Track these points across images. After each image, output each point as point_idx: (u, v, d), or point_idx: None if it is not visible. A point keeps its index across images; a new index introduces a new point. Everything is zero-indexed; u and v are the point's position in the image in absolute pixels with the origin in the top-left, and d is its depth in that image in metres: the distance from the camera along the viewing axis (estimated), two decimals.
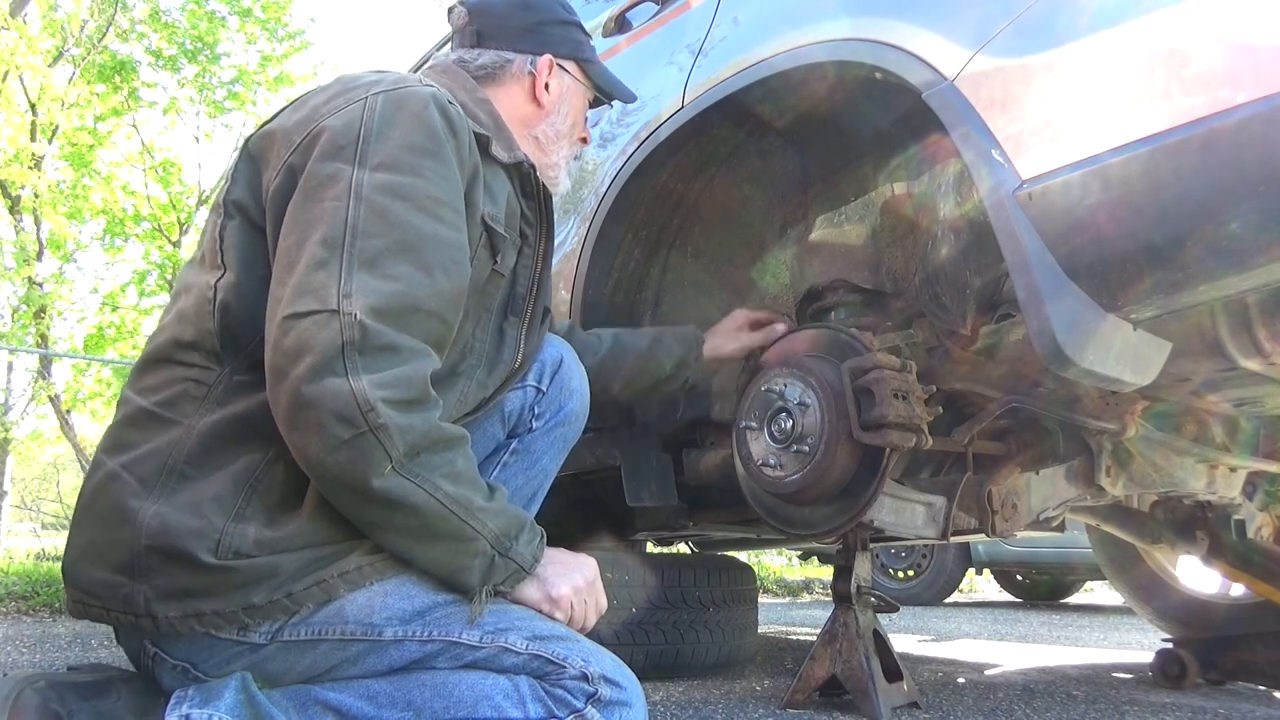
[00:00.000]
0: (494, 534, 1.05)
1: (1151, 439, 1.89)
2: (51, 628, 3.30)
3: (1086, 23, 1.15)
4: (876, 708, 1.71)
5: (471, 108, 1.26)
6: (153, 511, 0.99)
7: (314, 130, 1.08)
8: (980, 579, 8.52)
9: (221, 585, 0.98)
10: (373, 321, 0.96)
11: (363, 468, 0.95)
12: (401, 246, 1.02)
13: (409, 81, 1.14)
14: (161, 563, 0.98)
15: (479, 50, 1.36)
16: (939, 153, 1.56)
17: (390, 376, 0.96)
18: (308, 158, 1.07)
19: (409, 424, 0.97)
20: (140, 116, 11.21)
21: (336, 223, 1.01)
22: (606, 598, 1.21)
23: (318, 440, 0.94)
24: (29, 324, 10.41)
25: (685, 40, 1.76)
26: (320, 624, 1.02)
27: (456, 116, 1.14)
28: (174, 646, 1.03)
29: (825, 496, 1.65)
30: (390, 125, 1.07)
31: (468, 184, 1.14)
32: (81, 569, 1.03)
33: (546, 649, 1.06)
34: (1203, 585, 2.86)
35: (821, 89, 1.54)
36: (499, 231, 1.20)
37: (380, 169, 1.04)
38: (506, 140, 1.27)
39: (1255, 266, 1.09)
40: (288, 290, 0.99)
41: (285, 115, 1.16)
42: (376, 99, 1.09)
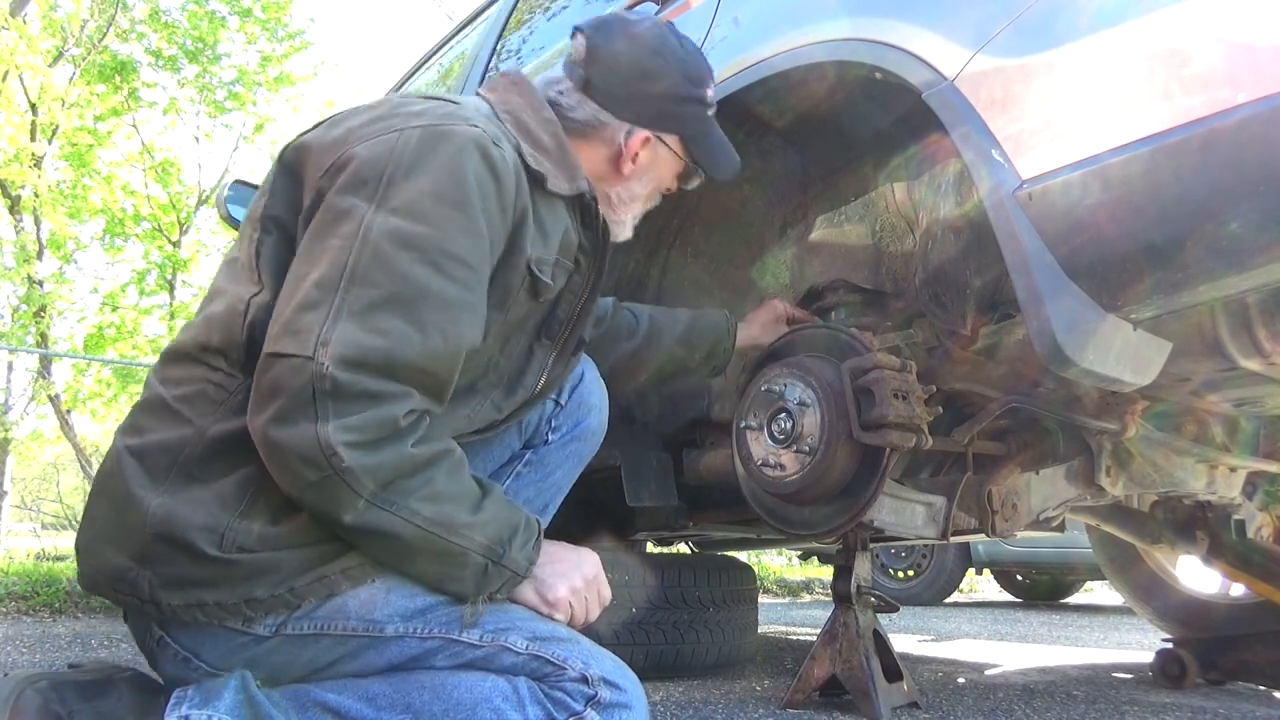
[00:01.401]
0: (483, 545, 1.04)
1: (1151, 439, 1.89)
2: (51, 628, 3.30)
3: (1086, 23, 1.15)
4: (876, 708, 1.71)
5: (534, 130, 1.20)
6: (158, 503, 0.99)
7: (343, 156, 1.05)
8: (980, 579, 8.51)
9: (224, 578, 0.98)
10: (344, 373, 0.94)
11: (333, 506, 0.96)
12: (397, 300, 0.98)
13: (455, 118, 1.08)
14: (168, 552, 0.99)
15: (580, 98, 1.26)
16: (939, 153, 1.56)
17: (357, 421, 0.94)
18: (332, 185, 1.04)
19: (376, 463, 0.95)
20: (140, 116, 11.21)
21: (336, 265, 0.98)
22: (610, 590, 1.19)
23: (288, 479, 0.96)
24: (29, 324, 10.40)
25: None
26: (323, 619, 1.03)
27: (500, 161, 1.08)
28: (180, 634, 1.03)
29: (825, 496, 1.65)
30: (418, 166, 1.03)
31: (512, 231, 1.10)
32: (93, 549, 1.04)
33: (546, 650, 1.06)
34: (1203, 585, 2.86)
35: (821, 89, 1.54)
36: (543, 278, 1.17)
37: (396, 213, 1.00)
38: (570, 169, 1.20)
39: (1255, 266, 1.09)
40: (278, 326, 0.99)
41: (322, 130, 1.13)
42: (412, 133, 1.05)
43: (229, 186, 3.08)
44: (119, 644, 2.83)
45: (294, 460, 0.94)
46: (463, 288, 1.03)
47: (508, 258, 1.11)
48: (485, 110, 1.18)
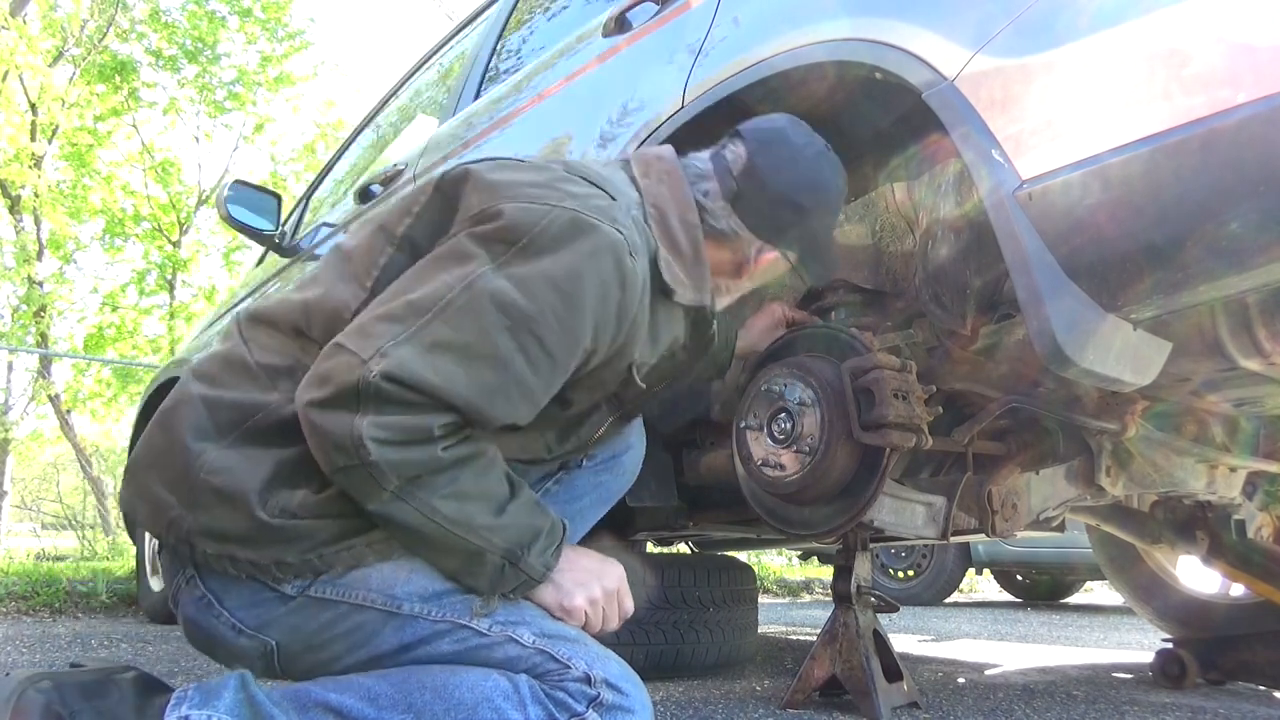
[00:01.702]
0: (501, 548, 1.05)
1: (1151, 439, 1.88)
2: (51, 628, 3.30)
3: (1086, 23, 1.14)
4: (876, 708, 1.71)
5: (676, 234, 1.20)
6: (217, 455, 1.04)
7: (493, 209, 1.07)
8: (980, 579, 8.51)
9: (261, 538, 1.02)
10: (387, 385, 0.97)
11: (359, 493, 1.01)
12: (466, 350, 1.01)
13: (605, 216, 1.09)
14: (214, 502, 1.02)
15: (726, 209, 1.26)
16: (939, 153, 1.56)
17: (391, 421, 0.98)
18: (471, 228, 1.07)
19: (402, 460, 0.98)
20: (140, 116, 11.22)
21: (434, 296, 1.02)
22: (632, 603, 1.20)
23: (322, 459, 1.01)
24: (29, 323, 10.41)
25: (685, 40, 1.76)
26: (346, 585, 1.05)
27: (631, 273, 1.09)
28: (210, 578, 1.06)
29: (825, 496, 1.65)
30: (552, 249, 1.04)
31: (623, 341, 1.13)
32: (142, 477, 1.09)
33: (552, 647, 1.07)
34: (1203, 585, 2.86)
35: (821, 89, 1.54)
36: (637, 379, 1.20)
37: (510, 279, 1.03)
38: (699, 279, 1.22)
39: (1255, 266, 1.09)
40: (357, 322, 1.05)
41: (487, 168, 1.14)
42: (562, 214, 1.06)
43: (229, 186, 3.07)
44: (119, 644, 2.83)
45: (327, 444, 0.99)
46: (533, 371, 1.04)
47: (611, 360, 1.15)
48: (634, 203, 1.18)
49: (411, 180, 2.50)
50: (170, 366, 3.90)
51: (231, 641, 1.07)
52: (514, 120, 2.21)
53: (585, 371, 1.13)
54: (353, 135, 3.55)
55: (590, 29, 2.09)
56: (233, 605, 1.06)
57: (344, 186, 3.25)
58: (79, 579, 4.10)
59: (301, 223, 3.30)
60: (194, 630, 1.10)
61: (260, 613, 1.05)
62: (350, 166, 3.40)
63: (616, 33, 1.98)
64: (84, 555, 6.39)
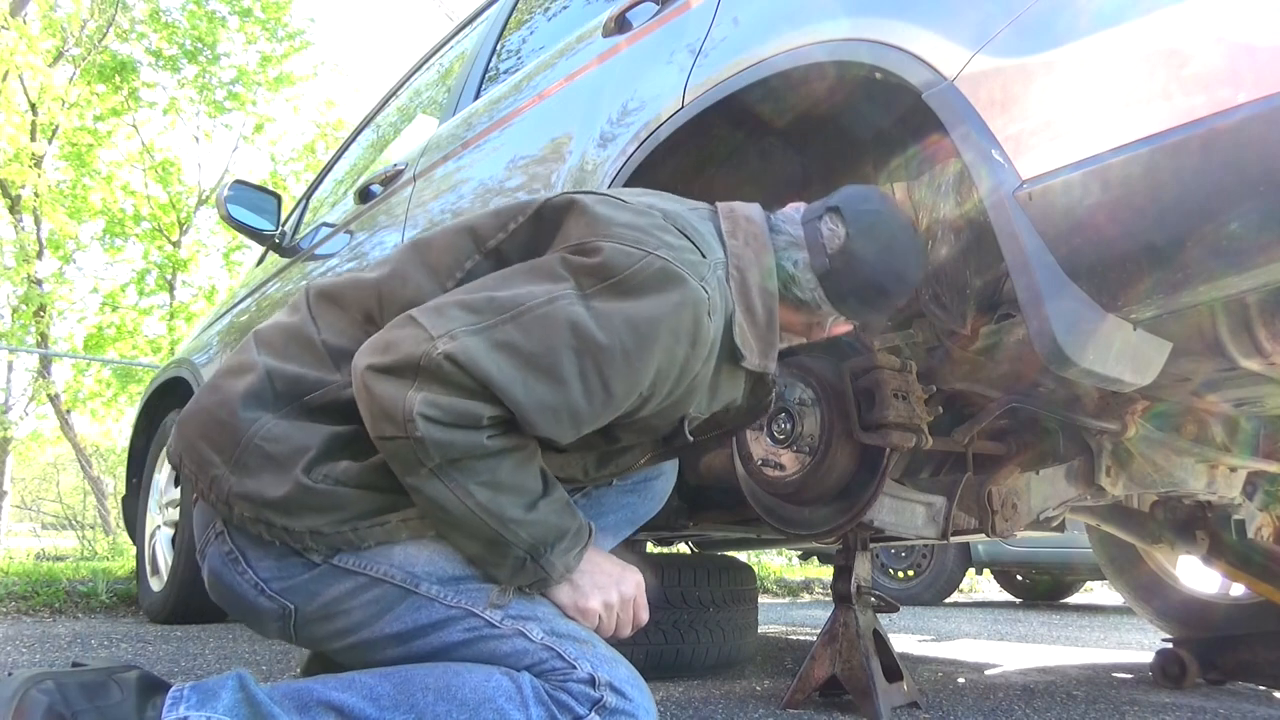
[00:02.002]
0: (527, 543, 1.06)
1: (1151, 439, 1.89)
2: (51, 628, 3.30)
3: (1086, 23, 1.14)
4: (876, 708, 1.71)
5: (753, 301, 1.21)
6: (273, 424, 1.07)
7: (594, 244, 1.09)
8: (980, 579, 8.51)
9: (300, 505, 1.04)
10: (448, 365, 0.99)
11: (400, 464, 1.02)
12: (530, 359, 1.02)
13: (694, 272, 1.10)
14: (261, 466, 1.05)
15: (814, 283, 1.27)
16: (939, 153, 1.56)
17: (443, 400, 0.99)
18: (568, 253, 1.09)
19: (447, 440, 0.99)
20: (140, 116, 11.23)
21: (515, 302, 1.04)
22: (648, 613, 1.21)
23: (369, 423, 1.02)
24: (29, 323, 10.41)
25: (685, 40, 1.76)
26: (369, 558, 1.07)
27: (705, 332, 1.11)
28: (239, 536, 1.08)
29: (825, 496, 1.65)
30: (638, 292, 1.06)
31: (681, 394, 1.15)
32: (191, 434, 1.11)
33: (560, 645, 1.08)
34: (1203, 585, 2.86)
35: (821, 89, 1.54)
36: (686, 432, 1.22)
37: (591, 310, 1.04)
38: (768, 347, 1.23)
39: (1255, 266, 1.09)
40: (436, 301, 1.08)
41: (593, 201, 1.15)
42: (655, 262, 1.07)
43: (229, 186, 3.08)
44: (119, 644, 2.84)
45: (378, 410, 1.00)
46: (586, 399, 1.05)
47: (665, 409, 1.16)
48: (720, 262, 1.18)
49: (411, 180, 2.50)
50: (170, 366, 3.90)
51: (252, 600, 1.09)
52: (514, 120, 2.21)
53: (637, 415, 1.15)
54: (353, 135, 3.55)
55: (590, 29, 2.09)
56: (258, 564, 1.08)
57: (344, 186, 3.25)
58: (79, 579, 4.10)
59: (301, 223, 3.30)
60: (217, 584, 1.12)
61: (284, 575, 1.07)
62: (350, 166, 3.40)
63: (616, 33, 1.98)
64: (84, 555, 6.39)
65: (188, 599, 3.39)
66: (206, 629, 3.31)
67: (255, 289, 3.40)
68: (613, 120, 1.87)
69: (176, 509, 3.51)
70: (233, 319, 3.49)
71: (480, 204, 2.17)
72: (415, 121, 2.95)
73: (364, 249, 2.62)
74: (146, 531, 3.75)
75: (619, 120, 1.85)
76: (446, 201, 2.31)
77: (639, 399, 1.10)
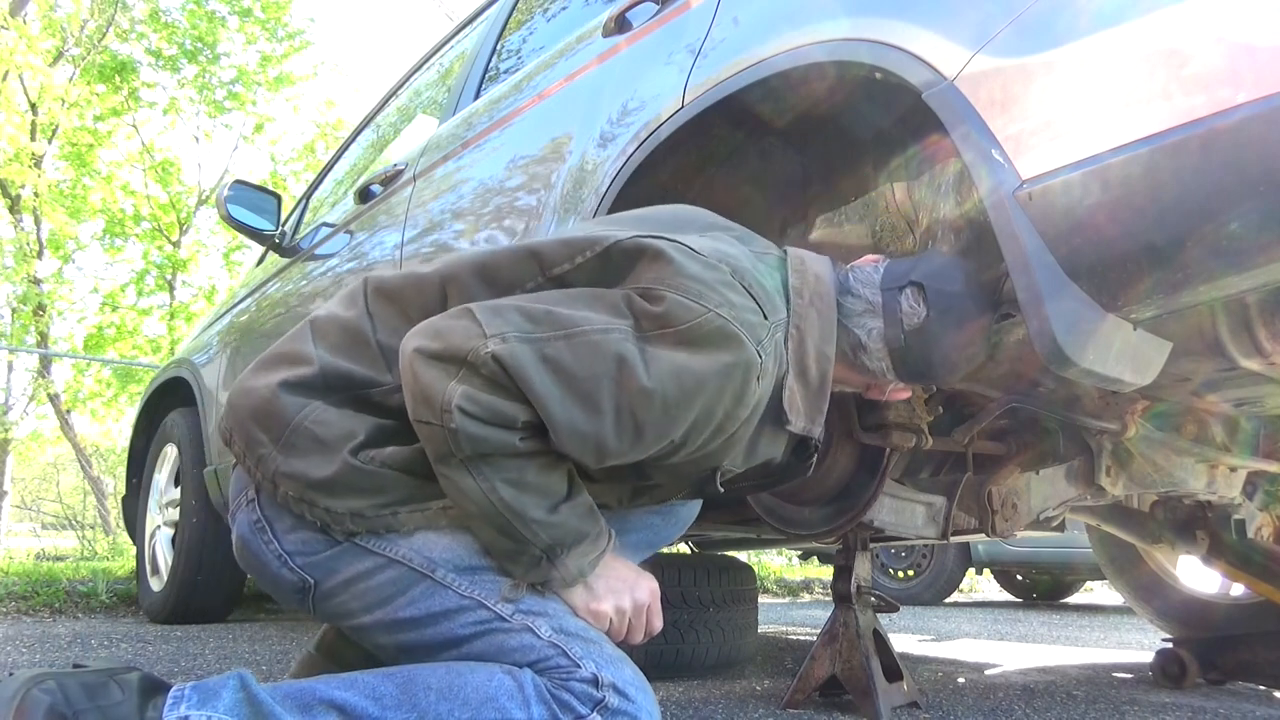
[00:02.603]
0: (545, 544, 1.07)
1: (1151, 439, 1.89)
2: (51, 628, 3.30)
3: (1086, 23, 1.14)
4: (876, 708, 1.71)
5: (809, 365, 1.21)
6: (324, 410, 1.10)
7: (659, 292, 1.09)
8: (980, 579, 8.51)
9: (343, 486, 1.06)
10: (494, 365, 1.01)
11: (431, 448, 1.04)
12: (571, 381, 1.03)
13: (752, 333, 1.10)
14: (307, 446, 1.08)
15: (885, 354, 1.27)
16: (939, 153, 1.56)
17: (484, 398, 1.01)
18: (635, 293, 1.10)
19: (480, 435, 1.01)
20: (140, 116, 11.23)
21: (573, 322, 1.05)
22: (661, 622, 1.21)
23: (409, 404, 1.05)
24: (29, 323, 10.40)
25: (685, 40, 1.76)
26: (389, 542, 1.09)
27: (750, 394, 1.11)
28: (270, 504, 1.11)
29: (825, 496, 1.65)
30: (692, 345, 1.07)
31: (715, 449, 1.15)
32: (242, 414, 1.13)
33: (567, 644, 1.08)
34: (1203, 585, 2.86)
35: (821, 89, 1.54)
36: (715, 485, 1.23)
37: (643, 352, 1.05)
38: (815, 412, 1.22)
39: (1255, 266, 1.09)
40: (496, 301, 1.10)
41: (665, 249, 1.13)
42: (714, 319, 1.08)
43: (229, 186, 3.08)
44: (119, 644, 2.84)
45: (418, 394, 1.03)
46: (616, 434, 1.05)
47: (698, 459, 1.16)
48: (780, 323, 1.18)
49: (411, 180, 2.50)
50: (170, 367, 3.90)
51: (275, 570, 1.12)
52: (514, 120, 2.21)
53: (668, 461, 1.15)
54: (353, 135, 3.55)
55: (590, 29, 2.09)
56: (284, 537, 1.11)
57: (344, 187, 3.25)
58: (79, 579, 4.10)
59: (301, 223, 3.30)
60: (243, 549, 1.15)
61: (306, 550, 1.10)
62: (350, 166, 3.40)
63: (616, 33, 1.98)
64: (84, 555, 6.39)
65: (188, 599, 3.39)
66: (206, 629, 3.31)
67: (255, 289, 3.40)
68: (613, 120, 1.87)
69: (176, 509, 3.51)
70: (233, 319, 3.49)
71: (481, 204, 2.17)
72: (415, 121, 2.95)
73: (364, 249, 2.62)
74: (146, 531, 3.75)
75: (619, 120, 1.85)
76: (446, 201, 2.31)
77: (670, 446, 1.11)
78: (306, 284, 2.95)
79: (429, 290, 1.18)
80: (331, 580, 1.10)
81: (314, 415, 1.09)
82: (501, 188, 2.12)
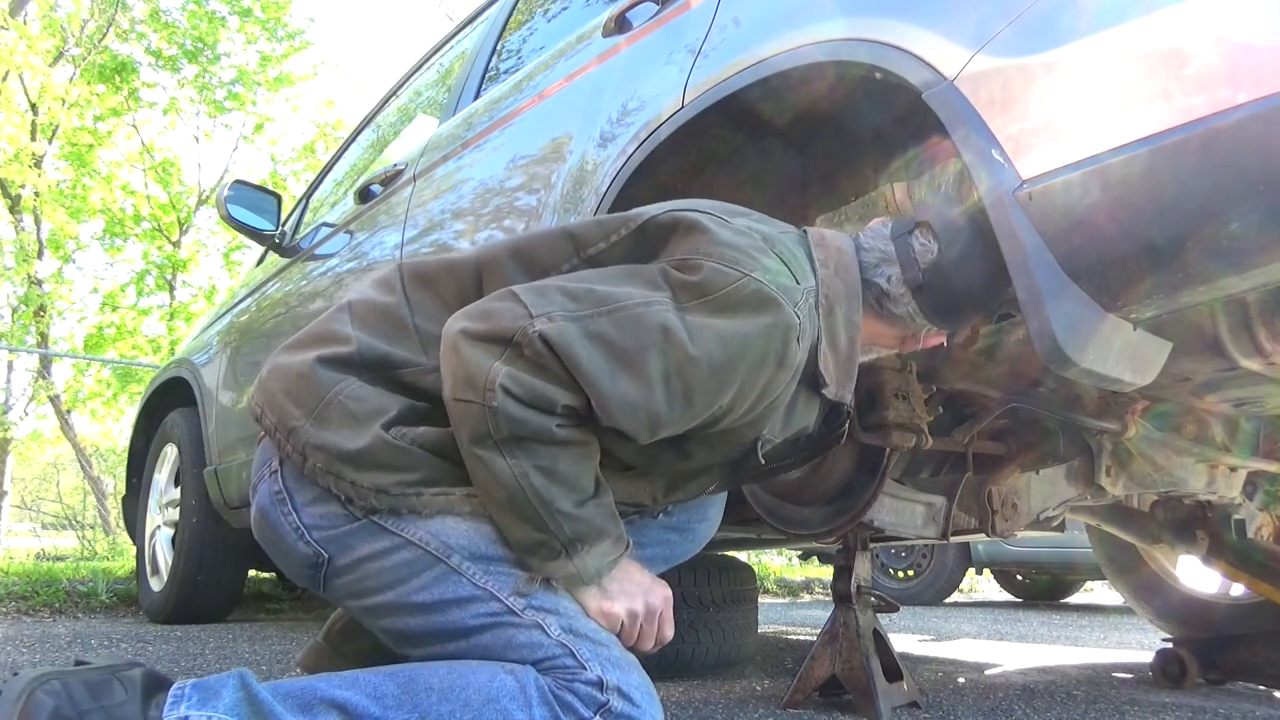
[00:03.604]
0: (566, 537, 1.07)
1: (1152, 439, 1.89)
2: (51, 628, 3.30)
3: (1087, 23, 1.14)
4: (876, 708, 1.71)
5: (839, 331, 1.22)
6: (359, 386, 1.11)
7: (696, 262, 1.11)
8: (980, 579, 8.51)
9: (372, 460, 1.07)
10: (541, 345, 1.02)
11: (467, 428, 1.04)
12: (618, 353, 1.04)
13: (788, 296, 1.12)
14: (340, 418, 1.08)
15: (907, 296, 1.29)
16: (939, 153, 1.55)
17: (526, 379, 1.02)
18: (671, 266, 1.12)
19: (520, 416, 1.02)
20: (140, 116, 11.23)
21: (614, 298, 1.07)
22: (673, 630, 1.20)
23: (449, 383, 1.06)
24: (29, 323, 10.41)
25: (685, 40, 1.76)
26: (408, 523, 1.09)
27: (792, 357, 1.13)
28: (293, 476, 1.12)
29: (825, 496, 1.66)
30: (732, 311, 1.09)
31: (759, 414, 1.16)
32: (274, 389, 1.14)
33: (575, 644, 1.07)
34: (1203, 585, 2.86)
35: (821, 89, 1.54)
36: (758, 456, 1.22)
37: (684, 321, 1.07)
38: (847, 377, 1.25)
39: (1255, 266, 1.09)
40: (539, 282, 1.12)
41: (699, 219, 1.16)
42: (751, 283, 1.10)
43: (229, 186, 3.07)
44: (119, 644, 2.84)
45: (461, 373, 1.03)
46: (667, 403, 1.07)
47: (740, 428, 1.17)
48: (811, 289, 1.20)
49: (411, 180, 2.50)
50: (170, 367, 3.90)
51: (291, 543, 1.12)
52: (514, 120, 2.21)
53: (713, 429, 1.16)
54: (353, 135, 3.55)
55: (590, 29, 2.09)
56: (303, 509, 1.11)
57: (344, 187, 3.25)
58: (79, 579, 4.10)
59: (301, 223, 3.30)
60: (262, 520, 1.15)
61: (325, 525, 1.10)
62: (350, 166, 3.40)
63: (616, 33, 1.98)
64: (84, 555, 6.39)
65: (188, 599, 3.39)
66: (206, 629, 3.31)
67: (255, 289, 3.40)
68: (613, 120, 1.87)
69: (176, 509, 3.51)
70: (233, 319, 3.49)
71: (480, 204, 2.17)
72: (415, 121, 2.95)
73: (364, 249, 2.62)
74: (146, 531, 3.75)
75: (619, 120, 1.85)
76: (446, 201, 2.31)
77: (718, 411, 1.12)
78: (306, 284, 2.95)
79: (464, 275, 1.20)
80: (346, 557, 1.10)
81: (349, 390, 1.10)
82: (501, 188, 2.12)
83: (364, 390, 1.11)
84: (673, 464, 1.23)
